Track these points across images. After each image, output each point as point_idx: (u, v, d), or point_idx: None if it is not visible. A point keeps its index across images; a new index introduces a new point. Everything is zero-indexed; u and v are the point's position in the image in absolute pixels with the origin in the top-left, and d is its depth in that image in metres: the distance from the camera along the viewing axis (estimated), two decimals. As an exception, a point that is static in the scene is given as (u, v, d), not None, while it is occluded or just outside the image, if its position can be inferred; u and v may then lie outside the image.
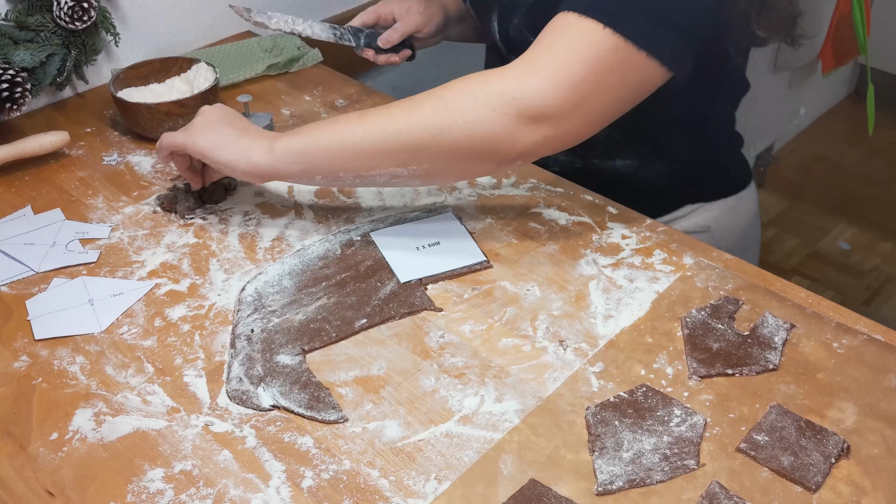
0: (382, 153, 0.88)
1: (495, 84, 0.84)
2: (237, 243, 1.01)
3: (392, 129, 0.87)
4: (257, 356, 0.85)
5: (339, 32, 1.23)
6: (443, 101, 0.85)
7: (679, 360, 0.84)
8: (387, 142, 0.87)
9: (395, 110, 0.88)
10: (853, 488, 0.72)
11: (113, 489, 0.73)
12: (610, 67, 0.83)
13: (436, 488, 0.73)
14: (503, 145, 0.85)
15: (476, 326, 0.88)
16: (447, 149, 0.86)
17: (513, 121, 0.83)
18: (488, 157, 0.87)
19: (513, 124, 0.83)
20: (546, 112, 0.83)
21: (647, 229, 1.00)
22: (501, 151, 0.86)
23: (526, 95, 0.82)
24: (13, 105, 1.14)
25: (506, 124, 0.83)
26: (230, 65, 1.33)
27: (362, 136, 0.88)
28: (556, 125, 0.84)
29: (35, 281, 0.96)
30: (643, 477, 0.73)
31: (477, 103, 0.83)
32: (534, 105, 0.83)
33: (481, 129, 0.84)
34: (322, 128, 0.91)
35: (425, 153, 0.87)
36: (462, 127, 0.84)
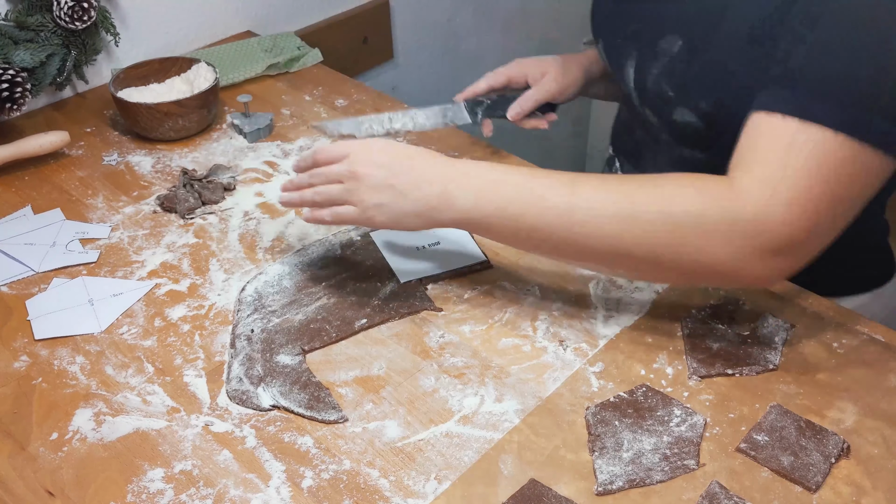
0: (592, 255, 0.79)
1: (736, 213, 0.73)
2: (237, 243, 1.01)
3: (609, 237, 0.76)
4: (257, 356, 0.85)
5: (450, 114, 1.11)
6: (674, 224, 0.74)
7: (679, 360, 0.84)
8: (601, 248, 0.77)
9: (610, 212, 0.76)
10: (853, 488, 0.72)
11: (113, 489, 0.73)
12: (849, 178, 0.73)
13: (436, 488, 0.73)
14: (741, 276, 0.76)
15: (476, 326, 0.88)
16: (670, 269, 0.77)
17: (755, 255, 0.74)
18: (720, 282, 0.79)
19: (754, 258, 0.74)
20: (791, 244, 0.74)
21: (647, 229, 1.00)
22: (738, 280, 0.78)
23: (770, 228, 0.73)
24: (13, 105, 1.14)
25: (746, 259, 0.74)
26: (230, 65, 1.33)
27: (570, 232, 0.77)
28: (799, 252, 0.75)
29: (35, 281, 0.96)
30: (643, 477, 0.73)
31: (717, 237, 0.74)
32: (778, 238, 0.73)
33: (717, 263, 0.75)
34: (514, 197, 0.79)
35: (641, 268, 0.79)
36: (695, 258, 0.75)
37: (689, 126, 0.93)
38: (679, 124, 0.94)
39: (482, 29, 1.93)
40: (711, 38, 0.86)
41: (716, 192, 0.74)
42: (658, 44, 0.93)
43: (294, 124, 1.23)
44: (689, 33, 0.89)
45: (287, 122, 1.23)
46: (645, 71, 0.95)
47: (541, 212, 0.78)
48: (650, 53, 0.94)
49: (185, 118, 1.16)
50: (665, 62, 0.92)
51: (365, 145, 0.85)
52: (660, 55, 0.92)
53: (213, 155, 1.16)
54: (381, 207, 0.82)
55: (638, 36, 0.97)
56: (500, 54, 2.00)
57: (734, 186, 0.74)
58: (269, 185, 1.10)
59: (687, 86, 0.90)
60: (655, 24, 0.94)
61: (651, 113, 0.98)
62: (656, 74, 0.93)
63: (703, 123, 0.90)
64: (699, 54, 0.88)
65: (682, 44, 0.90)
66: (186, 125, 1.17)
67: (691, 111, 0.91)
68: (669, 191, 0.75)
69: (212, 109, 1.20)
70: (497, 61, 2.08)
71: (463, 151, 1.16)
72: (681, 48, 0.90)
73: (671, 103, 0.93)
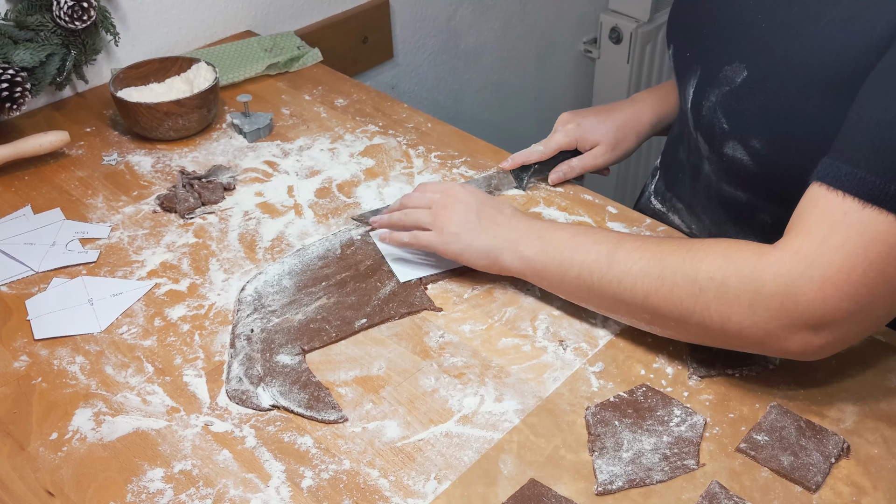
0: (626, 310, 0.82)
1: (760, 284, 0.72)
2: (237, 243, 1.00)
3: (640, 295, 0.79)
4: (257, 356, 0.85)
5: (494, 181, 1.09)
6: (698, 289, 0.75)
7: (679, 360, 0.84)
8: (633, 303, 0.80)
9: (643, 271, 0.78)
10: (853, 488, 0.72)
11: (113, 489, 0.73)
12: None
13: (435, 488, 0.73)
14: (773, 347, 0.75)
15: (476, 326, 0.88)
16: (698, 332, 0.78)
17: (783, 328, 0.72)
18: (755, 349, 0.77)
19: (783, 331, 0.72)
20: (825, 320, 0.71)
21: (647, 229, 1.00)
22: (772, 350, 0.76)
23: (799, 303, 0.70)
24: (13, 105, 1.14)
25: (773, 330, 0.73)
26: (230, 64, 1.33)
27: (608, 285, 0.81)
28: (841, 330, 0.72)
29: (35, 281, 0.96)
30: (643, 477, 0.73)
31: (740, 307, 0.73)
32: (809, 314, 0.71)
33: (745, 332, 0.74)
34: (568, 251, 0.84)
35: (672, 327, 0.80)
36: (720, 324, 0.75)
37: (737, 162, 0.90)
38: (728, 158, 0.91)
39: (482, 28, 1.93)
40: (781, 75, 0.82)
41: (742, 261, 0.73)
42: (723, 69, 0.89)
43: (294, 124, 1.23)
44: (756, 65, 0.85)
45: (287, 122, 1.23)
46: (703, 94, 0.92)
47: (584, 265, 0.83)
48: (712, 77, 0.91)
49: (184, 118, 1.16)
50: (725, 91, 0.89)
51: (461, 186, 0.94)
52: (722, 82, 0.89)
53: (212, 155, 1.16)
54: (458, 237, 0.90)
55: (705, 54, 0.93)
56: (500, 53, 2.00)
57: (764, 257, 0.72)
58: (269, 184, 1.10)
59: (744, 120, 0.87)
60: (724, 46, 0.90)
61: (703, 139, 0.95)
62: (714, 102, 0.90)
63: (752, 162, 0.88)
64: (762, 88, 0.84)
65: (746, 75, 0.86)
66: (186, 125, 1.17)
67: (743, 147, 0.88)
68: (699, 255, 0.76)
69: (212, 109, 1.20)
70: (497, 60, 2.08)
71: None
72: (745, 79, 0.86)
73: (724, 136, 0.90)
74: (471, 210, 0.91)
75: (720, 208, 0.99)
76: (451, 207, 0.92)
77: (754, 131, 0.86)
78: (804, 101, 0.80)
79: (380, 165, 1.13)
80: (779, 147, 0.84)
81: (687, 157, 1.04)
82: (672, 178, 1.10)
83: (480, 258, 0.90)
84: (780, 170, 0.85)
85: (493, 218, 0.91)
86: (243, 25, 1.48)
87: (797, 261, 0.71)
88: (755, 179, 0.90)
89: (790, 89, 0.81)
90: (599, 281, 0.82)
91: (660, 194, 1.13)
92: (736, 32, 0.89)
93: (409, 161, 1.14)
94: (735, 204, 0.95)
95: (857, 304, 0.70)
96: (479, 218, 0.91)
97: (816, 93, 0.79)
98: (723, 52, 0.90)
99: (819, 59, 0.79)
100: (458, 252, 0.90)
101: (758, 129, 0.86)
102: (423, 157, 1.15)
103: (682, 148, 1.05)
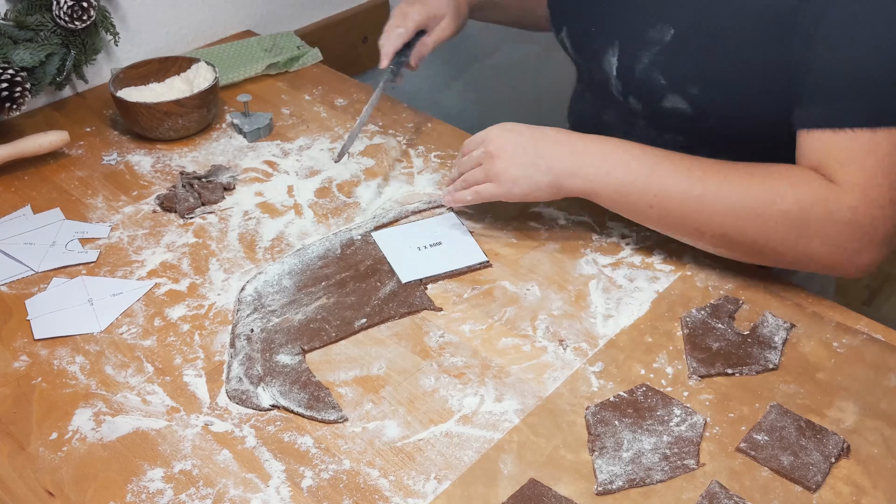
0: (698, 235, 0.88)
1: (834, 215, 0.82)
2: (237, 243, 1.00)
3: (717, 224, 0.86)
4: (257, 356, 0.85)
5: (381, 83, 1.12)
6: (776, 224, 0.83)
7: (679, 359, 0.84)
8: (708, 231, 0.87)
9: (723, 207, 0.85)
10: (853, 488, 0.72)
11: (113, 489, 0.73)
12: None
13: (435, 488, 0.73)
14: (841, 268, 0.86)
15: (476, 326, 0.88)
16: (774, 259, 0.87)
17: (855, 250, 0.83)
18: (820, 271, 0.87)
19: (855, 253, 0.83)
20: (887, 237, 0.83)
21: (647, 229, 1.00)
22: (837, 271, 0.86)
23: (864, 226, 0.82)
24: (13, 105, 1.14)
25: (846, 253, 0.83)
26: (230, 64, 1.33)
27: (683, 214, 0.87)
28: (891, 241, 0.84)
29: (35, 281, 0.96)
30: (643, 477, 0.73)
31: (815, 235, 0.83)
32: (874, 235, 0.83)
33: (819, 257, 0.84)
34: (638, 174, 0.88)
35: (746, 255, 0.88)
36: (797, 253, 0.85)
37: (676, 112, 0.97)
38: (667, 110, 0.98)
39: (481, 25, 1.93)
40: (704, 26, 0.91)
41: (814, 195, 0.82)
42: (647, 32, 0.96)
43: (294, 124, 1.23)
44: (682, 22, 0.93)
45: (287, 122, 1.23)
46: (633, 59, 0.98)
47: (660, 192, 0.87)
48: (638, 42, 0.97)
49: (184, 118, 1.16)
50: (656, 51, 0.95)
51: (499, 127, 0.94)
52: (650, 44, 0.96)
53: (212, 154, 1.16)
54: (518, 180, 0.91)
55: (621, 25, 1.00)
56: (500, 51, 2.00)
57: (832, 190, 0.82)
58: (269, 184, 1.10)
59: (680, 73, 0.94)
60: (642, 12, 0.97)
61: (636, 100, 1.01)
62: (647, 63, 0.96)
63: (692, 108, 0.95)
64: (692, 42, 0.92)
65: (674, 32, 0.94)
66: (186, 125, 1.17)
67: (682, 97, 0.95)
68: (774, 188, 0.83)
69: (211, 109, 1.20)
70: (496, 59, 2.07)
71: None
72: (673, 37, 0.94)
73: (662, 90, 0.97)
74: (523, 148, 0.91)
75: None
76: (501, 155, 0.92)
77: (691, 81, 0.94)
78: (735, 45, 0.89)
79: (380, 165, 1.13)
80: (716, 90, 0.93)
81: (618, 122, 1.09)
82: None
83: (546, 191, 0.91)
84: (718, 109, 0.94)
85: (540, 145, 0.91)
86: (243, 25, 1.48)
87: (857, 191, 0.81)
88: (694, 123, 0.97)
89: (720, 37, 0.90)
90: (678, 209, 0.87)
91: None
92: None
93: (409, 161, 1.14)
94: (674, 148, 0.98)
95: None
96: (530, 151, 0.91)
97: (745, 36, 0.88)
98: (640, 18, 0.97)
99: (742, 6, 0.88)
100: (524, 194, 0.92)
101: (694, 78, 0.94)
102: (423, 157, 1.15)
103: (608, 114, 1.11)
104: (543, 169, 0.90)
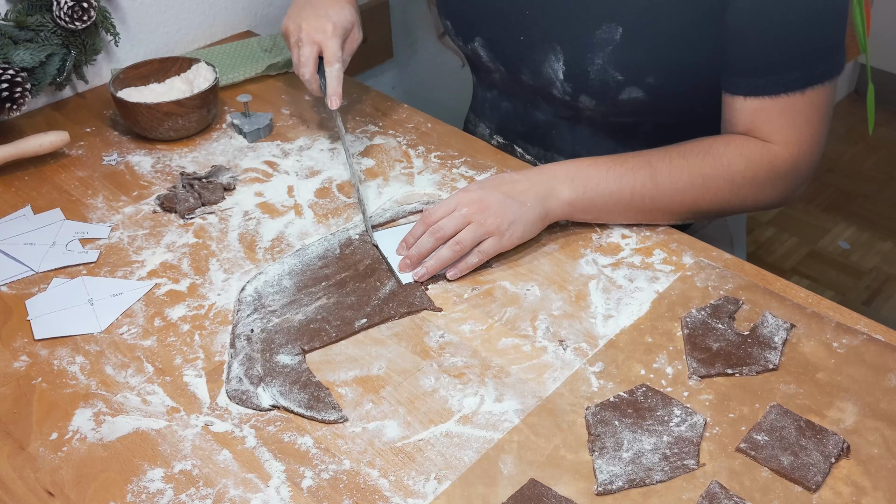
0: (670, 217, 0.99)
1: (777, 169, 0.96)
2: (237, 243, 1.01)
3: (688, 203, 0.97)
4: (257, 356, 0.85)
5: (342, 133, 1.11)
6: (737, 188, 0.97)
7: (679, 359, 0.84)
8: (680, 211, 0.98)
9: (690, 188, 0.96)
10: (853, 488, 0.72)
11: (113, 489, 0.73)
12: (831, 110, 0.98)
13: (436, 488, 0.73)
14: (779, 205, 1.03)
15: (476, 326, 0.88)
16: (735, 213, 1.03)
17: (793, 189, 1.00)
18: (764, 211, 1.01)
19: (790, 193, 1.00)
20: (812, 171, 1.00)
21: (647, 229, 1.00)
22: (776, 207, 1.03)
23: (801, 171, 0.98)
24: (13, 105, 1.14)
25: (785, 196, 1.00)
26: (230, 65, 1.33)
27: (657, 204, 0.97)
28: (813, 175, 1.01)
29: (35, 281, 0.96)
30: (643, 477, 0.73)
31: (768, 188, 0.98)
32: (806, 176, 0.99)
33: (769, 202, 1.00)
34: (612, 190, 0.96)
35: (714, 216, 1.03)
36: (751, 204, 0.99)
37: (632, 102, 1.02)
38: (623, 101, 1.03)
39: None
40: (651, 19, 0.96)
41: (760, 157, 0.96)
42: (594, 35, 0.99)
43: (294, 124, 1.23)
44: (629, 19, 0.97)
45: (287, 122, 1.23)
46: (584, 62, 1.02)
47: (633, 193, 0.96)
48: (586, 45, 1.01)
49: (184, 118, 1.16)
50: (609, 50, 0.99)
51: (465, 189, 0.97)
52: (601, 45, 1.00)
53: (212, 155, 1.16)
54: (514, 225, 0.93)
55: (559, 31, 1.02)
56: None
57: (772, 150, 0.96)
58: (269, 184, 1.10)
59: (636, 67, 0.99)
60: (582, 17, 1.00)
61: (590, 98, 1.05)
62: (602, 63, 1.00)
63: (648, 96, 1.01)
64: (643, 36, 0.97)
65: (622, 30, 0.98)
66: (186, 125, 1.17)
67: (639, 88, 1.01)
68: (726, 160, 0.96)
69: (211, 109, 1.20)
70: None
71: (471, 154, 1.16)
72: (623, 34, 0.98)
73: (619, 86, 1.01)
74: (500, 196, 0.94)
75: (607, 137, 1.11)
76: (488, 207, 0.93)
77: (648, 72, 0.99)
78: (680, 30, 0.96)
79: (380, 165, 1.13)
80: (671, 76, 0.99)
81: (555, 118, 1.13)
82: (543, 141, 1.17)
83: (536, 227, 0.95)
84: (673, 92, 1.01)
85: (516, 184, 0.95)
86: (243, 25, 1.48)
87: (792, 146, 0.96)
88: (648, 108, 1.04)
89: (667, 26, 0.96)
90: (650, 203, 0.96)
91: (540, 159, 1.18)
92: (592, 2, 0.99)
93: (409, 161, 1.14)
94: (619, 128, 1.09)
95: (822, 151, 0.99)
96: (511, 193, 0.94)
97: (687, 19, 0.95)
98: (581, 22, 1.00)
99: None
100: (521, 237, 0.95)
101: (651, 69, 0.99)
102: (423, 157, 1.15)
103: (542, 113, 1.14)
104: (528, 205, 0.94)
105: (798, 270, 2.28)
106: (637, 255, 0.96)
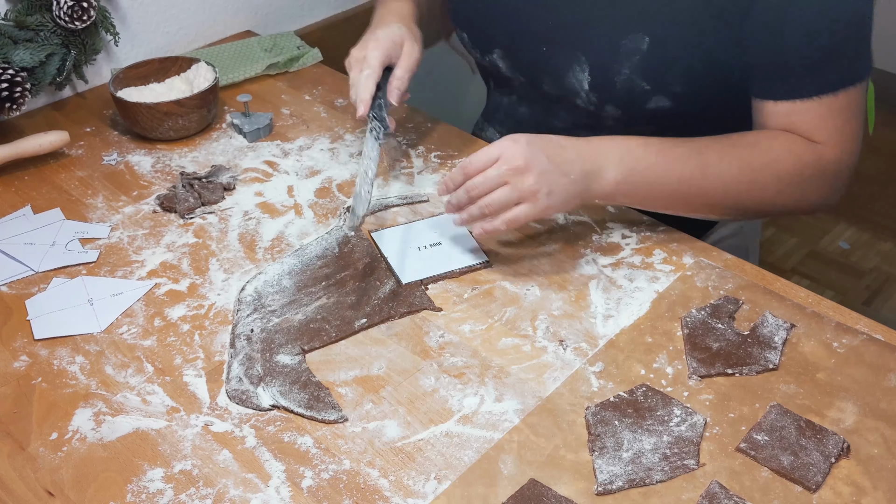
0: (712, 209, 0.97)
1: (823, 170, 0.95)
2: (237, 243, 1.00)
3: (732, 196, 0.95)
4: (257, 356, 0.85)
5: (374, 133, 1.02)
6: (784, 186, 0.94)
7: (679, 359, 0.84)
8: (723, 204, 0.96)
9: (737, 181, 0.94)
10: (853, 488, 0.72)
11: (113, 489, 0.73)
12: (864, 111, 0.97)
13: (435, 488, 0.73)
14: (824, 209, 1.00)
15: (476, 326, 0.88)
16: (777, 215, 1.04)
17: (837, 190, 0.98)
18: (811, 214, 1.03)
19: (837, 193, 0.98)
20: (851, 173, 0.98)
21: (647, 229, 1.00)
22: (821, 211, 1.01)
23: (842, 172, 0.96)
24: (13, 105, 1.14)
25: (829, 197, 0.98)
26: (230, 64, 1.33)
27: (703, 194, 0.94)
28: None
29: (35, 281, 0.96)
30: (643, 477, 0.73)
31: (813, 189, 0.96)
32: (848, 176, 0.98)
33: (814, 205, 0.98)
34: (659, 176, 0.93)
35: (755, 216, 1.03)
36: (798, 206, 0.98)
37: (659, 111, 1.01)
38: (650, 111, 1.01)
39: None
40: (678, 28, 0.95)
41: (807, 157, 0.94)
42: (620, 45, 0.97)
43: (294, 124, 1.23)
44: (655, 29, 0.96)
45: (287, 122, 1.23)
46: (611, 72, 0.99)
47: (681, 181, 0.92)
48: (612, 55, 0.98)
49: (184, 118, 1.16)
50: (636, 60, 0.97)
51: (510, 140, 0.88)
52: (627, 55, 0.97)
53: (212, 155, 1.16)
54: (552, 194, 0.87)
55: (583, 41, 1.00)
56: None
57: (817, 151, 0.94)
58: (269, 184, 1.10)
59: (664, 76, 0.98)
60: (607, 27, 0.98)
61: (615, 108, 1.03)
62: (629, 73, 0.98)
63: (675, 104, 1.00)
64: (670, 45, 0.96)
65: (649, 40, 0.96)
66: (186, 125, 1.17)
67: (666, 97, 0.99)
68: (773, 156, 0.93)
69: (211, 109, 1.20)
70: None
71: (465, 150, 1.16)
72: (650, 44, 0.96)
73: (646, 95, 0.99)
74: (544, 160, 0.86)
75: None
76: (529, 170, 0.86)
77: (675, 81, 0.98)
78: (709, 41, 0.94)
79: (380, 165, 1.13)
80: (698, 84, 0.98)
81: (574, 127, 1.09)
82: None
83: (577, 201, 0.91)
84: (699, 100, 1.00)
85: (564, 152, 0.89)
86: (243, 25, 1.48)
87: (836, 147, 0.94)
88: (673, 116, 1.02)
89: (693, 35, 0.95)
90: (695, 193, 0.93)
91: None
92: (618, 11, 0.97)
93: (409, 161, 1.14)
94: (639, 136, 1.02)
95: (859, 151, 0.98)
96: (557, 159, 0.87)
97: (715, 31, 0.93)
98: (606, 32, 0.98)
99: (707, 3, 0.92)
100: (558, 208, 0.89)
101: (678, 77, 0.98)
102: (423, 157, 1.15)
103: (560, 121, 1.11)
104: (572, 178, 0.88)
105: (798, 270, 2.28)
106: (637, 255, 0.96)
